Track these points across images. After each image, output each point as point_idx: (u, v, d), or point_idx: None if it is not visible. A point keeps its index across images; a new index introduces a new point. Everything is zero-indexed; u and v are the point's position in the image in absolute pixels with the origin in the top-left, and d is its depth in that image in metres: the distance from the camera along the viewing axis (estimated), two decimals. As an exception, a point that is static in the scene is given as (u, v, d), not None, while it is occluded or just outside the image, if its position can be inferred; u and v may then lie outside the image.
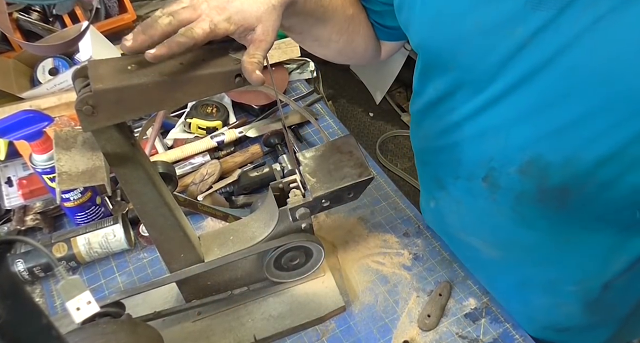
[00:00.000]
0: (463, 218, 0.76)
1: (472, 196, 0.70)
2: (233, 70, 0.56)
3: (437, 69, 0.67)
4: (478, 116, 0.64)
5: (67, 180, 0.56)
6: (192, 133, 1.09)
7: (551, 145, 0.58)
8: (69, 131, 0.59)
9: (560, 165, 0.58)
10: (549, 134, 0.57)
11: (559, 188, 0.60)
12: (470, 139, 0.66)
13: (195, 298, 0.79)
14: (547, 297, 0.77)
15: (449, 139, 0.69)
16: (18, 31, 1.18)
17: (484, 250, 0.77)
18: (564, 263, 0.71)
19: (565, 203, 0.61)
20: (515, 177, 0.62)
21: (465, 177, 0.69)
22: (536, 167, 0.60)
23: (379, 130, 2.53)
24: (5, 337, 0.38)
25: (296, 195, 0.73)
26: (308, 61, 1.26)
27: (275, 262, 0.78)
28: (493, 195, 0.66)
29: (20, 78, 1.12)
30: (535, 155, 0.59)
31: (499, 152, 0.63)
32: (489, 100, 0.62)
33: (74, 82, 0.55)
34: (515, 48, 0.56)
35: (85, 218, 0.92)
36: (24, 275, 0.85)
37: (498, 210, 0.67)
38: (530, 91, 0.57)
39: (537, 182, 0.61)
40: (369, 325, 0.82)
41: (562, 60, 0.53)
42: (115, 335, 0.62)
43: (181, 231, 0.70)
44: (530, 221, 0.66)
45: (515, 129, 0.60)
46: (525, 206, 0.64)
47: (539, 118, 0.58)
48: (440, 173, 0.74)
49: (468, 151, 0.67)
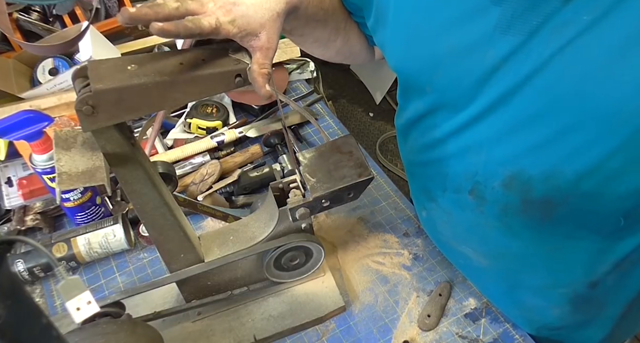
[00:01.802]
0: (453, 228, 0.77)
1: (460, 208, 0.71)
2: (233, 70, 0.56)
3: (415, 90, 0.68)
4: (459, 134, 0.65)
5: (67, 180, 0.56)
6: (192, 133, 1.09)
7: (531, 160, 0.59)
8: (69, 131, 0.59)
9: (541, 180, 0.59)
10: (528, 150, 0.59)
11: (542, 200, 0.61)
12: (454, 154, 0.67)
13: (195, 298, 0.79)
14: (538, 299, 0.78)
15: (434, 154, 0.70)
16: (18, 31, 1.18)
17: (475, 259, 0.78)
18: (552, 270, 0.72)
19: (549, 214, 0.62)
20: (500, 190, 0.63)
21: (453, 190, 0.70)
22: (518, 181, 0.61)
23: (379, 130, 2.53)
24: (5, 337, 0.38)
25: (296, 195, 0.73)
26: (308, 61, 1.26)
27: (275, 262, 0.78)
28: (480, 207, 0.67)
29: (20, 78, 1.12)
30: (516, 170, 0.60)
31: (482, 167, 0.64)
32: (469, 120, 0.63)
33: (73, 82, 0.55)
34: (488, 71, 0.57)
35: (85, 218, 0.92)
36: (24, 275, 0.84)
37: (485, 221, 0.68)
38: (507, 111, 0.58)
39: (520, 195, 0.62)
40: (369, 325, 0.82)
41: (535, 82, 0.54)
42: (115, 335, 0.62)
43: (181, 231, 0.70)
44: (517, 231, 0.67)
45: (496, 146, 0.61)
46: (511, 217, 0.65)
47: (517, 135, 0.59)
48: (429, 185, 0.75)
49: (453, 166, 0.68)
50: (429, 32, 0.60)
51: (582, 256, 0.68)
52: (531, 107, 0.56)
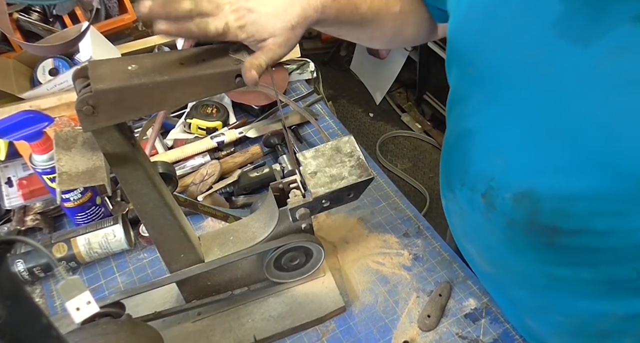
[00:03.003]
0: (464, 225, 0.76)
1: (471, 208, 0.69)
2: (233, 70, 0.56)
3: (459, 68, 0.67)
4: (487, 130, 0.64)
5: (67, 180, 0.56)
6: (192, 133, 1.09)
7: (546, 182, 0.58)
8: (69, 131, 0.59)
9: (551, 203, 0.58)
10: (546, 169, 0.57)
11: (549, 226, 0.59)
12: (478, 151, 0.66)
13: (195, 299, 0.79)
14: (536, 321, 0.77)
15: (462, 144, 0.69)
16: (18, 31, 1.18)
17: (479, 262, 0.77)
18: (551, 297, 0.70)
19: (554, 242, 0.60)
20: (509, 203, 0.62)
21: (469, 187, 0.69)
22: (529, 200, 0.59)
23: (379, 131, 2.53)
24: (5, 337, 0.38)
25: (296, 195, 0.73)
26: (308, 61, 1.26)
27: (275, 262, 0.78)
28: (488, 213, 0.66)
29: (20, 78, 1.12)
30: (529, 188, 0.59)
31: (499, 174, 0.63)
32: (498, 117, 0.61)
33: (74, 83, 0.55)
34: (529, 70, 0.55)
35: (85, 218, 0.92)
36: (24, 275, 0.84)
37: (492, 229, 0.67)
38: (537, 121, 0.56)
39: (528, 214, 0.60)
40: (369, 326, 0.82)
41: (574, 100, 0.52)
42: (115, 335, 0.62)
43: (181, 231, 0.70)
44: (520, 249, 0.66)
45: (517, 156, 0.60)
46: (516, 234, 0.64)
47: (540, 151, 0.57)
48: (451, 175, 0.74)
49: (474, 163, 0.67)
50: (487, 8, 0.59)
51: (586, 300, 0.65)
52: (562, 124, 0.54)
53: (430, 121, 2.49)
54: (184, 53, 0.58)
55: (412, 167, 2.37)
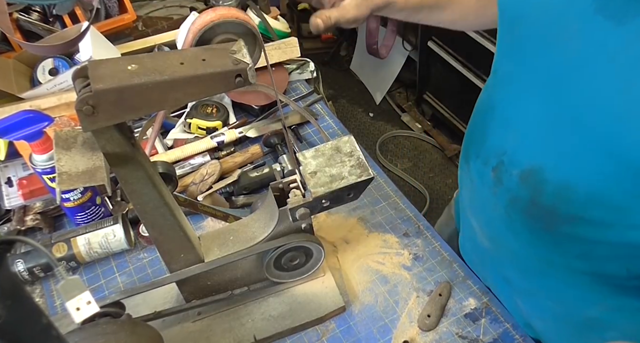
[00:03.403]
0: (471, 198, 0.78)
1: (481, 181, 0.71)
2: (233, 70, 0.56)
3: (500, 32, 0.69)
4: (507, 105, 0.66)
5: (67, 180, 0.56)
6: (192, 133, 1.09)
7: (553, 163, 0.59)
8: (69, 131, 0.59)
9: (554, 186, 0.59)
10: (553, 151, 0.58)
11: (549, 209, 0.60)
12: (496, 125, 0.68)
13: (195, 298, 0.79)
14: (527, 304, 0.78)
15: (485, 116, 0.71)
16: (18, 31, 1.18)
17: (479, 237, 0.79)
18: (544, 283, 0.71)
19: (552, 227, 0.62)
20: (516, 180, 0.63)
21: (483, 159, 0.70)
22: (534, 179, 0.61)
23: (379, 130, 2.53)
24: (5, 337, 0.38)
25: (296, 195, 0.73)
26: (308, 61, 1.26)
27: (275, 262, 0.78)
28: (495, 188, 0.67)
29: (20, 78, 1.12)
30: (536, 166, 0.60)
31: (511, 149, 0.64)
32: (518, 91, 0.63)
33: (74, 82, 0.55)
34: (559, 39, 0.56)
35: (85, 218, 0.92)
36: (24, 275, 0.84)
37: (495, 205, 0.69)
38: (558, 99, 0.57)
39: (531, 193, 0.62)
40: (369, 325, 0.82)
41: (592, 81, 0.52)
42: (115, 335, 0.62)
43: (181, 231, 0.70)
44: (518, 230, 0.67)
45: (530, 133, 0.61)
46: (517, 213, 0.65)
47: (551, 131, 0.58)
48: (470, 145, 0.76)
49: (491, 136, 0.69)
50: None
51: (576, 283, 0.66)
52: (575, 104, 0.54)
53: (430, 121, 2.49)
54: (184, 53, 0.58)
55: (412, 167, 2.37)
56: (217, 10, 0.61)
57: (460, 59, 2.02)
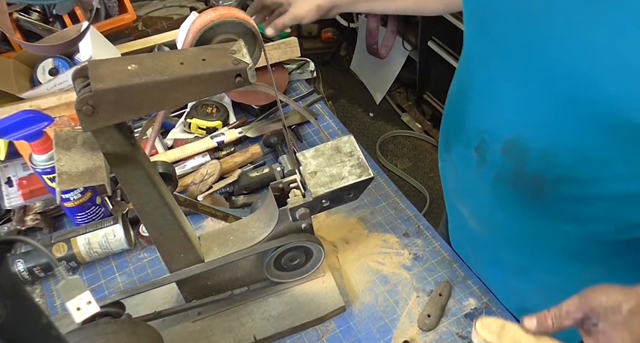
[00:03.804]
0: (456, 185, 0.80)
1: (465, 165, 0.73)
2: (233, 70, 0.56)
3: (467, 17, 0.70)
4: (483, 85, 0.67)
5: (67, 180, 0.56)
6: (192, 133, 1.09)
7: (533, 131, 0.61)
8: (69, 131, 0.59)
9: (537, 153, 0.61)
10: (534, 120, 0.60)
11: (534, 176, 0.63)
12: (474, 106, 0.70)
13: (195, 298, 0.79)
14: (520, 280, 0.79)
15: (461, 100, 0.73)
16: (18, 31, 1.18)
17: (469, 222, 0.81)
18: (535, 252, 0.73)
19: (540, 194, 0.64)
20: (499, 154, 0.65)
21: (464, 143, 0.72)
22: (517, 149, 0.63)
23: (379, 130, 2.53)
24: (5, 337, 0.38)
25: (296, 195, 0.73)
26: (308, 61, 1.26)
27: (275, 262, 0.78)
28: (479, 168, 0.69)
29: (20, 78, 1.12)
30: (518, 136, 0.63)
31: (491, 126, 0.66)
32: (494, 70, 0.65)
33: (74, 82, 0.55)
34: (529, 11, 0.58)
35: (85, 218, 0.92)
36: (24, 275, 0.84)
37: (482, 186, 0.70)
38: (529, 72, 0.60)
39: (515, 164, 0.64)
40: (369, 325, 0.82)
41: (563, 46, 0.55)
42: (115, 335, 0.62)
43: (181, 231, 0.70)
44: (508, 204, 0.69)
45: (509, 108, 0.63)
46: (504, 187, 0.67)
47: (529, 102, 0.61)
48: (449, 134, 0.78)
49: (470, 118, 0.71)
50: None
51: (567, 248, 0.68)
52: (549, 73, 0.57)
53: (430, 121, 2.49)
54: (184, 53, 0.58)
55: (412, 166, 2.37)
56: (217, 10, 0.61)
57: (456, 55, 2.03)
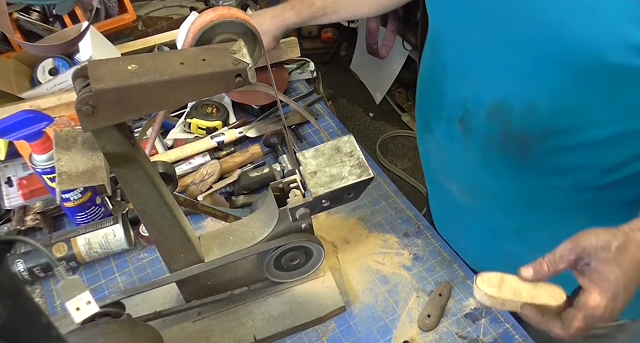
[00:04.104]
0: (443, 162, 0.82)
1: (450, 140, 0.75)
2: (233, 70, 0.56)
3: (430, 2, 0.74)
4: (457, 58, 0.70)
5: (67, 180, 0.56)
6: (192, 133, 1.09)
7: (514, 90, 0.64)
8: (69, 131, 0.59)
9: (521, 111, 0.64)
10: (513, 80, 0.63)
11: (520, 135, 0.65)
12: (451, 80, 0.72)
13: (195, 298, 0.79)
14: (516, 244, 0.80)
15: (436, 79, 0.76)
16: (18, 31, 1.18)
17: (459, 197, 0.82)
18: (529, 212, 0.75)
19: (527, 152, 0.66)
20: (484, 120, 0.68)
21: (446, 118, 0.74)
22: (501, 111, 0.65)
23: (379, 130, 2.53)
24: (5, 337, 0.38)
25: (296, 195, 0.73)
26: (308, 61, 1.26)
27: (275, 262, 0.78)
28: (466, 139, 0.71)
29: (20, 78, 1.12)
30: (501, 98, 0.65)
31: (472, 94, 0.68)
32: (467, 42, 0.67)
33: (74, 82, 0.55)
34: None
35: (85, 218, 0.92)
36: (24, 275, 0.84)
37: (470, 156, 0.73)
38: (501, 38, 0.62)
39: (501, 127, 0.66)
40: (369, 325, 0.82)
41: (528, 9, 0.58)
42: (115, 335, 0.62)
43: (181, 231, 0.70)
44: (497, 169, 0.71)
45: (488, 73, 0.66)
46: (492, 152, 0.69)
47: (506, 64, 0.63)
48: (429, 115, 0.80)
49: (449, 92, 0.73)
50: None
51: (559, 205, 0.71)
52: (522, 31, 0.60)
53: (430, 121, 2.49)
54: (184, 53, 0.58)
55: (412, 166, 2.37)
56: (217, 10, 0.61)
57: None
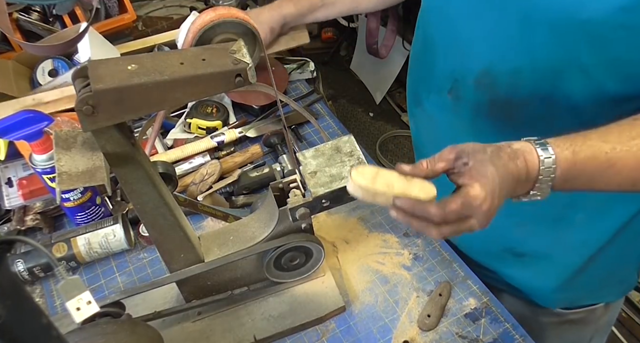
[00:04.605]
0: (434, 134, 0.83)
1: (440, 110, 0.77)
2: (233, 70, 0.56)
3: None
4: (446, 29, 0.72)
5: (67, 180, 0.56)
6: (192, 133, 1.09)
7: (500, 56, 0.65)
8: (69, 131, 0.59)
9: (506, 76, 0.66)
10: (499, 47, 0.65)
11: (506, 101, 0.68)
12: (440, 51, 0.75)
13: (195, 298, 0.79)
14: (507, 216, 0.80)
15: (426, 51, 0.79)
16: (18, 31, 1.18)
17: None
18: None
19: (514, 118, 0.69)
20: (472, 88, 0.70)
21: (436, 90, 0.76)
22: (488, 78, 0.67)
23: (379, 130, 2.53)
24: (5, 337, 0.38)
25: (296, 195, 0.73)
26: (308, 61, 1.26)
27: (275, 262, 0.78)
28: (456, 108, 0.73)
29: (20, 80, 1.12)
30: (488, 65, 0.67)
31: (460, 64, 0.71)
32: (456, 13, 0.70)
33: (74, 82, 0.55)
34: None
35: (85, 218, 0.92)
36: (24, 275, 0.84)
37: (460, 125, 0.74)
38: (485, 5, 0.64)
39: (489, 93, 0.68)
40: (369, 325, 0.82)
41: None
42: (115, 335, 0.62)
43: (181, 231, 0.70)
44: (486, 136, 0.71)
45: (474, 42, 0.68)
46: (482, 120, 0.71)
47: (491, 34, 0.65)
48: (419, 87, 0.82)
49: (438, 63, 0.75)
50: None
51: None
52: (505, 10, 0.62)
53: (430, 121, 2.49)
54: (184, 53, 0.58)
55: (412, 166, 2.37)
56: (217, 10, 0.61)
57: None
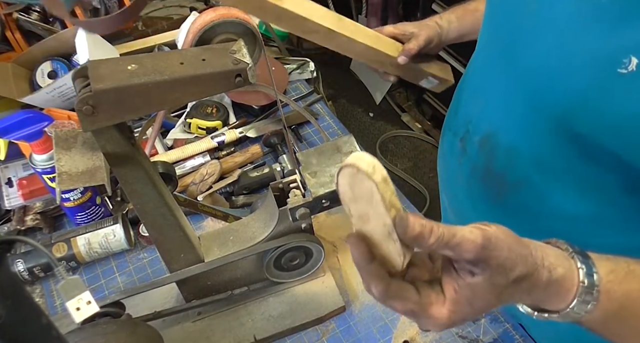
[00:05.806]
0: (444, 173, 0.82)
1: (451, 153, 0.75)
2: (233, 70, 0.56)
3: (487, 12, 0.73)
4: (476, 74, 0.69)
5: (67, 180, 0.56)
6: (192, 133, 1.09)
7: (505, 128, 0.62)
8: (69, 131, 0.59)
9: (504, 152, 0.62)
10: (507, 116, 0.61)
11: (500, 176, 0.64)
12: (467, 94, 0.72)
13: (195, 298, 0.79)
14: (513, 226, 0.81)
15: (460, 89, 0.76)
16: (18, 31, 1.18)
17: (448, 212, 0.83)
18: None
19: (502, 195, 0.65)
20: (476, 147, 0.67)
21: (454, 131, 0.74)
22: (489, 143, 0.64)
23: (379, 130, 2.53)
24: (5, 337, 0.38)
25: (296, 195, 0.73)
26: (308, 61, 1.26)
27: (275, 262, 0.78)
28: (460, 159, 0.71)
29: (19, 82, 1.12)
30: (493, 131, 0.64)
31: (476, 116, 0.68)
32: (486, 59, 0.67)
33: (74, 83, 0.55)
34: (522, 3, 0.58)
35: (85, 218, 0.92)
36: (24, 275, 0.84)
37: (460, 176, 0.72)
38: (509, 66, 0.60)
39: (486, 159, 0.65)
40: (369, 325, 0.82)
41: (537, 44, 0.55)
42: (115, 335, 0.62)
43: (181, 231, 0.70)
44: (477, 200, 0.70)
45: (491, 99, 0.64)
46: (476, 182, 0.69)
47: (506, 96, 0.61)
48: (447, 121, 0.80)
49: (462, 106, 0.73)
50: None
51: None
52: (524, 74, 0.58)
53: (430, 121, 2.49)
54: (184, 53, 0.58)
55: (412, 167, 2.37)
56: (217, 10, 0.61)
57: (460, 59, 2.02)
